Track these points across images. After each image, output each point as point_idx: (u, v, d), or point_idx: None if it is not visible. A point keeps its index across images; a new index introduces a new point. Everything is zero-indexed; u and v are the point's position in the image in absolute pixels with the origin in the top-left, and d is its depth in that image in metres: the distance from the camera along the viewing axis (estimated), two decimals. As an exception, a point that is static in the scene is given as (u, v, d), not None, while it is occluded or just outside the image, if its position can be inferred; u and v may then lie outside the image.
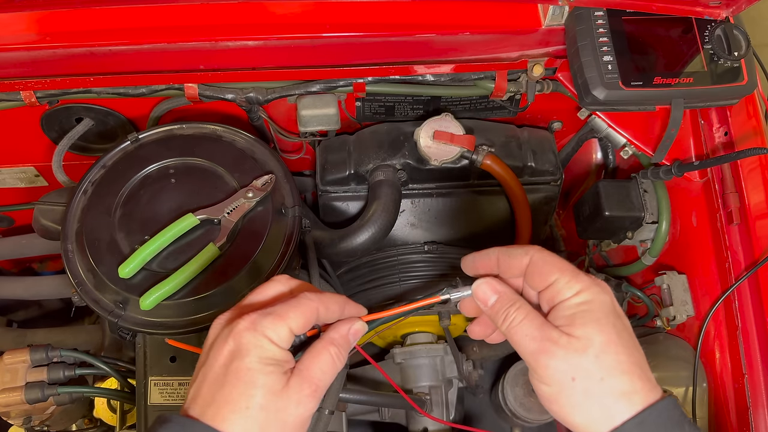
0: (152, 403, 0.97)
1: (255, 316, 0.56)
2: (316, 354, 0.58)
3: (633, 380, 0.54)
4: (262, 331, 0.55)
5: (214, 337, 0.59)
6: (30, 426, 1.12)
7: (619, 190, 1.20)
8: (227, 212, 0.99)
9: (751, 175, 1.03)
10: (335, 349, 0.59)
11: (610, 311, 0.57)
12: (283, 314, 0.57)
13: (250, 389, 0.54)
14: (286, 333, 0.56)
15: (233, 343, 0.56)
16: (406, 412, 1.17)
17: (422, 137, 1.15)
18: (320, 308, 0.59)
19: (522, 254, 0.61)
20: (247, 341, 0.55)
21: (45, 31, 0.99)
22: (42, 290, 1.28)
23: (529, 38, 1.07)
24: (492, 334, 0.68)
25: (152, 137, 1.11)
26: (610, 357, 0.54)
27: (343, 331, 0.61)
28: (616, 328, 0.56)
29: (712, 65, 1.01)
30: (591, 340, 0.54)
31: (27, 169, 1.36)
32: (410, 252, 1.33)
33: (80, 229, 1.02)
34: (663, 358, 1.10)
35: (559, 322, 0.56)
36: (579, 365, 0.54)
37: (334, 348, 0.59)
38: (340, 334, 0.60)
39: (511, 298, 0.60)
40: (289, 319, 0.57)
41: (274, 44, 1.03)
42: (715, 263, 1.08)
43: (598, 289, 0.57)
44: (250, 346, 0.55)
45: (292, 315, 0.57)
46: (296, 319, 0.57)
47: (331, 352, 0.58)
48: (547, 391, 0.56)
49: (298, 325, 0.57)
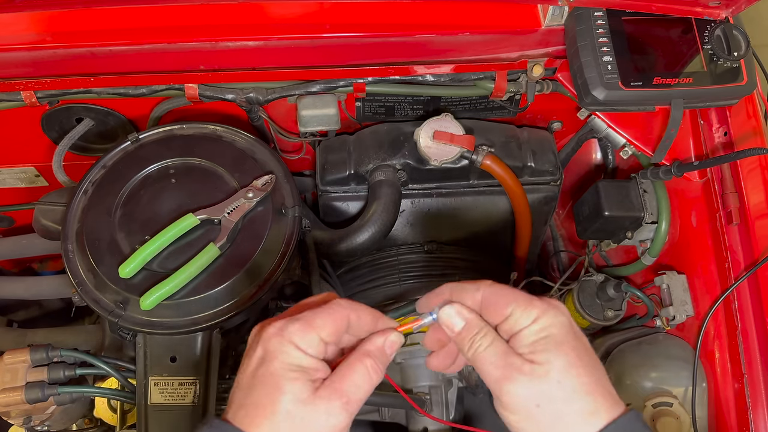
0: (152, 403, 0.97)
1: (282, 322, 0.55)
2: (349, 365, 0.56)
3: (596, 399, 0.54)
4: (289, 337, 0.54)
5: (249, 343, 0.58)
6: (30, 426, 1.12)
7: (618, 190, 1.20)
8: (227, 212, 0.99)
9: (751, 176, 1.03)
10: (371, 362, 0.56)
11: (569, 333, 0.56)
12: (310, 320, 0.55)
13: (276, 395, 0.53)
14: (314, 340, 0.55)
15: (261, 350, 0.55)
16: (406, 411, 1.17)
17: (422, 137, 1.15)
18: (351, 316, 0.58)
19: (474, 290, 0.60)
20: (273, 347, 0.54)
21: (45, 32, 0.99)
22: (42, 290, 1.28)
23: (528, 38, 1.07)
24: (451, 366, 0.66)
25: (152, 137, 1.11)
26: (572, 380, 0.54)
27: (378, 342, 0.58)
28: (576, 349, 0.56)
29: (712, 65, 1.01)
30: (552, 365, 0.54)
31: (27, 169, 1.36)
32: (410, 252, 1.33)
33: (80, 229, 1.02)
34: (662, 358, 1.11)
35: (521, 350, 0.56)
36: (542, 391, 0.54)
37: (369, 360, 0.57)
38: (376, 345, 0.58)
39: (478, 325, 0.58)
40: (316, 325, 0.55)
41: (275, 44, 1.03)
42: (715, 263, 1.08)
43: (554, 312, 0.57)
44: (276, 352, 0.54)
45: (320, 321, 0.55)
46: (325, 326, 0.55)
47: (366, 364, 0.56)
48: (514, 419, 0.55)
49: (327, 332, 0.55)
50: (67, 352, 1.06)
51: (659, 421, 1.05)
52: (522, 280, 1.35)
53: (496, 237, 1.35)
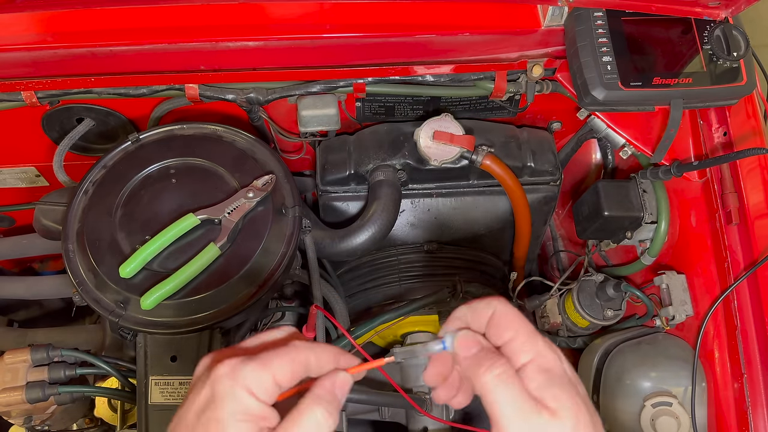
0: (153, 403, 0.97)
1: (236, 361, 0.50)
2: (298, 415, 0.50)
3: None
4: (242, 381, 0.49)
5: (197, 377, 0.53)
6: (31, 425, 1.13)
7: (618, 190, 1.20)
8: (228, 212, 0.99)
9: (750, 176, 1.03)
10: (321, 410, 0.50)
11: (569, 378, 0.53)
12: (266, 361, 0.50)
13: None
14: (269, 383, 0.50)
15: (209, 390, 0.50)
16: (406, 411, 1.18)
17: (422, 137, 1.15)
18: (311, 357, 0.53)
19: (485, 307, 0.56)
20: (222, 390, 0.49)
21: (46, 32, 1.00)
22: (43, 290, 1.29)
23: (528, 39, 1.07)
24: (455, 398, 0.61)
25: (153, 137, 1.11)
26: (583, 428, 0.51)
27: (327, 385, 0.53)
28: (580, 395, 0.53)
29: (712, 66, 1.02)
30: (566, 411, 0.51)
31: (28, 169, 1.37)
32: (410, 252, 1.33)
33: (81, 229, 1.02)
34: (662, 358, 1.11)
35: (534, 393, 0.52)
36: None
37: (320, 409, 0.50)
38: (326, 389, 0.52)
39: (496, 352, 0.54)
40: (273, 366, 0.50)
41: (275, 45, 1.03)
42: (714, 263, 1.08)
43: (554, 356, 0.54)
44: (226, 396, 0.49)
45: (278, 363, 0.50)
46: (281, 368, 0.50)
47: (316, 413, 0.50)
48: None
49: (283, 374, 0.50)
50: (67, 352, 1.06)
51: (659, 421, 1.05)
52: (522, 279, 1.35)
53: (496, 237, 1.36)
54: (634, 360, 1.12)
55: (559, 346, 1.32)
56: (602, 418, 1.13)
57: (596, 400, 1.17)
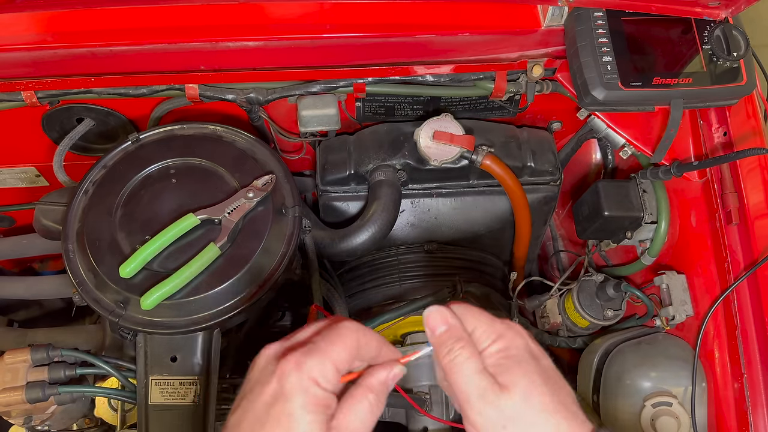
0: (153, 403, 0.97)
1: (299, 354, 0.53)
2: (354, 403, 0.54)
3: (559, 421, 0.55)
4: (308, 373, 0.53)
5: (259, 370, 0.56)
6: (31, 425, 1.13)
7: (618, 190, 1.20)
8: (228, 212, 0.99)
9: (750, 176, 1.03)
10: (374, 397, 0.55)
11: (528, 354, 0.57)
12: (326, 351, 0.54)
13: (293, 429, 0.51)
14: (331, 372, 0.54)
15: (277, 384, 0.53)
16: (406, 411, 1.18)
17: (422, 137, 1.15)
18: (361, 340, 0.56)
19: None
20: (290, 384, 0.52)
21: (46, 32, 1.00)
22: (43, 290, 1.29)
23: (528, 39, 1.07)
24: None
25: (153, 137, 1.11)
26: (536, 400, 0.55)
27: (381, 377, 0.57)
28: (538, 370, 0.56)
29: (712, 66, 1.01)
30: (516, 386, 0.55)
31: (28, 169, 1.37)
32: (410, 252, 1.33)
33: (81, 229, 1.02)
34: (662, 358, 1.11)
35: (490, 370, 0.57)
36: (508, 413, 0.54)
37: (372, 395, 0.55)
38: (379, 380, 0.56)
39: (459, 334, 0.58)
40: (333, 355, 0.54)
41: (275, 45, 1.03)
42: (714, 263, 1.08)
43: (512, 334, 0.58)
44: (294, 389, 0.52)
45: (335, 350, 0.54)
46: (339, 354, 0.54)
47: (370, 399, 0.55)
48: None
49: (341, 359, 0.54)
50: (67, 352, 1.06)
51: (659, 421, 1.05)
52: (522, 279, 1.35)
53: (496, 237, 1.36)
54: (634, 360, 1.12)
55: (559, 346, 1.33)
56: (602, 418, 1.13)
57: (596, 400, 1.17)
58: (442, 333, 0.59)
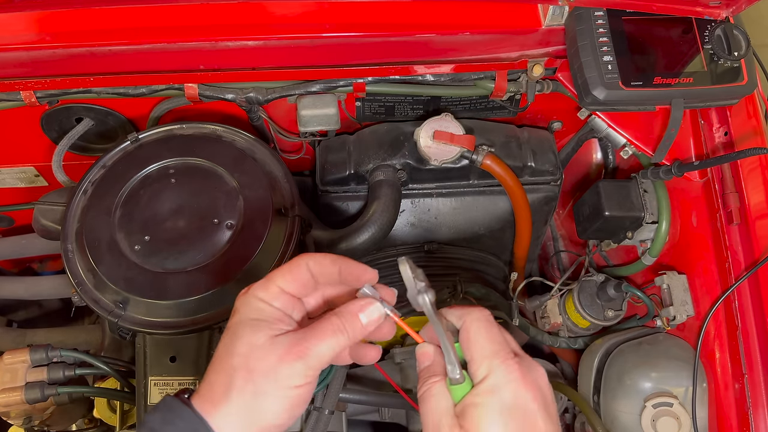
0: (152, 403, 0.97)
1: (251, 285, 0.60)
2: (317, 323, 0.58)
3: None
4: (252, 292, 0.59)
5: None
6: (30, 426, 1.12)
7: (619, 190, 1.20)
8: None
9: (751, 175, 1.03)
10: (338, 321, 0.58)
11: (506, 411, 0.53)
12: (271, 275, 0.60)
13: (233, 342, 0.56)
14: (275, 290, 0.59)
15: (233, 309, 0.60)
16: (406, 412, 1.17)
17: (422, 137, 1.15)
18: (310, 263, 0.60)
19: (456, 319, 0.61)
20: (239, 303, 0.60)
21: (45, 31, 0.99)
22: (42, 290, 1.28)
23: (529, 38, 1.07)
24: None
25: (152, 137, 1.11)
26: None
27: (352, 307, 0.60)
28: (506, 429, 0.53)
29: (712, 65, 1.01)
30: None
31: (27, 169, 1.36)
32: (410, 252, 1.33)
33: (80, 229, 1.02)
34: (663, 358, 1.10)
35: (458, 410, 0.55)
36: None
37: (337, 319, 0.58)
38: (348, 309, 0.60)
39: (438, 372, 0.59)
40: (277, 277, 0.59)
41: (274, 44, 1.03)
42: (715, 263, 1.08)
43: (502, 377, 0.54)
44: (241, 306, 0.59)
45: (280, 273, 0.59)
46: (283, 276, 0.59)
47: (333, 321, 0.58)
48: None
49: (285, 281, 0.59)
50: (66, 352, 1.06)
51: (659, 422, 1.05)
52: (522, 280, 1.35)
53: (496, 237, 1.35)
54: (635, 360, 1.12)
55: (560, 346, 1.33)
56: (603, 418, 1.13)
57: (597, 400, 1.16)
58: (426, 367, 0.60)
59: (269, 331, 0.56)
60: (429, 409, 0.57)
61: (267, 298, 0.58)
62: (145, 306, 0.95)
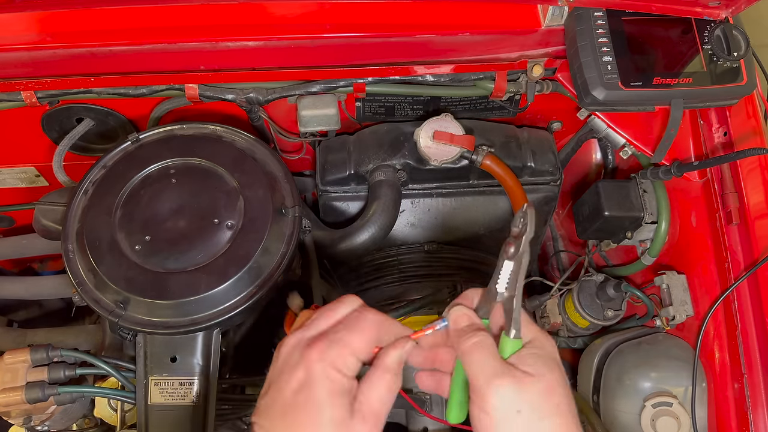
0: (153, 403, 0.97)
1: (323, 345, 0.58)
2: (373, 384, 0.58)
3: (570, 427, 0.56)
4: (332, 363, 0.57)
5: (285, 358, 0.60)
6: (30, 426, 1.12)
7: (618, 190, 1.20)
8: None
9: (751, 176, 1.03)
10: (390, 376, 0.59)
11: (555, 359, 0.60)
12: (348, 342, 0.58)
13: (317, 419, 0.55)
14: (352, 361, 0.58)
15: (303, 373, 0.57)
16: (406, 411, 1.17)
17: (422, 137, 1.15)
18: (381, 330, 0.60)
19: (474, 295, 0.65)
20: (316, 373, 0.56)
21: (46, 32, 1.00)
22: (42, 290, 1.28)
23: (528, 39, 1.07)
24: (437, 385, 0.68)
25: (153, 137, 1.11)
26: (554, 398, 0.56)
27: (395, 356, 0.60)
28: (561, 373, 0.59)
29: (712, 65, 1.01)
30: (543, 376, 0.57)
31: (27, 169, 1.36)
32: (410, 252, 1.33)
33: (81, 229, 1.02)
34: (662, 358, 1.11)
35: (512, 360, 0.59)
36: (527, 397, 0.56)
37: (389, 375, 0.59)
38: (393, 359, 0.60)
39: (480, 326, 0.62)
40: (354, 346, 0.58)
41: (275, 45, 1.03)
42: (715, 263, 1.08)
43: (543, 338, 0.61)
44: (319, 378, 0.56)
45: (357, 341, 0.58)
46: (361, 346, 0.58)
47: (386, 379, 0.59)
48: (486, 421, 0.56)
49: (361, 350, 0.58)
50: (67, 352, 1.06)
51: (659, 421, 1.05)
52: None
53: (496, 237, 1.35)
54: (635, 360, 1.12)
55: (560, 346, 1.33)
56: (602, 418, 1.13)
57: (596, 400, 1.17)
58: (465, 325, 0.61)
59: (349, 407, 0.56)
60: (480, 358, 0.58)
61: (346, 371, 0.57)
62: (146, 306, 0.96)
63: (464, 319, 0.62)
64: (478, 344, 0.59)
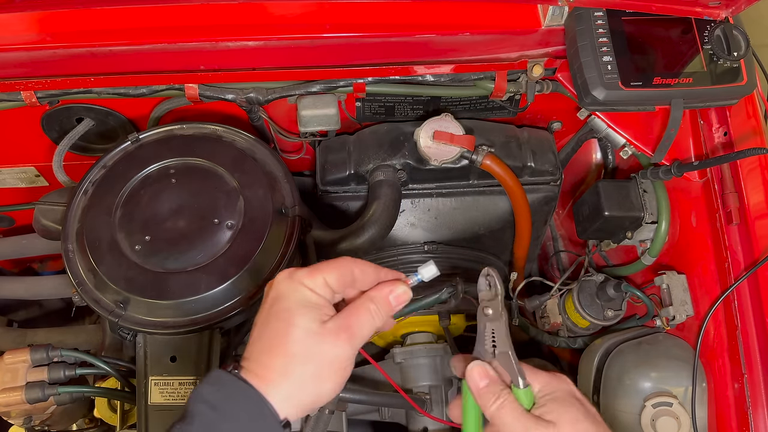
0: (153, 403, 0.97)
1: (291, 269, 0.64)
2: (354, 307, 0.63)
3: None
4: (298, 279, 0.62)
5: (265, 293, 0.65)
6: (30, 426, 1.13)
7: (618, 190, 1.20)
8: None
9: (751, 175, 1.03)
10: (374, 306, 0.63)
11: (572, 397, 0.65)
12: (317, 267, 0.63)
13: (289, 327, 0.59)
14: (320, 281, 0.62)
15: (274, 292, 0.63)
16: (406, 411, 1.17)
17: (422, 137, 1.15)
18: (355, 269, 0.64)
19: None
20: (284, 288, 0.62)
21: (45, 32, 1.00)
22: (42, 290, 1.29)
23: (528, 39, 1.07)
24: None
25: (153, 137, 1.11)
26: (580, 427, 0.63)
27: (384, 292, 0.65)
28: (582, 409, 0.65)
29: (712, 65, 1.01)
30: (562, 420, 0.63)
31: (27, 169, 1.36)
32: (410, 252, 1.33)
33: (81, 229, 1.02)
34: (663, 358, 1.11)
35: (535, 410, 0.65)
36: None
37: (372, 305, 0.63)
38: (381, 294, 0.64)
39: (501, 384, 0.67)
40: (323, 271, 0.62)
41: (275, 45, 1.03)
42: (715, 263, 1.08)
43: (557, 381, 0.67)
44: (288, 291, 0.62)
45: (326, 268, 0.63)
46: (330, 273, 0.63)
47: (369, 307, 0.63)
48: None
49: (332, 278, 0.63)
50: (67, 352, 1.06)
51: (659, 421, 1.05)
52: (522, 280, 1.35)
53: (496, 237, 1.35)
54: (635, 360, 1.12)
55: (560, 346, 1.33)
56: (603, 418, 1.13)
57: (596, 400, 1.17)
58: (486, 385, 0.66)
59: (319, 317, 0.60)
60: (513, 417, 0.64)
61: (313, 287, 0.62)
62: (146, 306, 0.96)
63: (483, 377, 0.67)
64: (505, 405, 0.64)
